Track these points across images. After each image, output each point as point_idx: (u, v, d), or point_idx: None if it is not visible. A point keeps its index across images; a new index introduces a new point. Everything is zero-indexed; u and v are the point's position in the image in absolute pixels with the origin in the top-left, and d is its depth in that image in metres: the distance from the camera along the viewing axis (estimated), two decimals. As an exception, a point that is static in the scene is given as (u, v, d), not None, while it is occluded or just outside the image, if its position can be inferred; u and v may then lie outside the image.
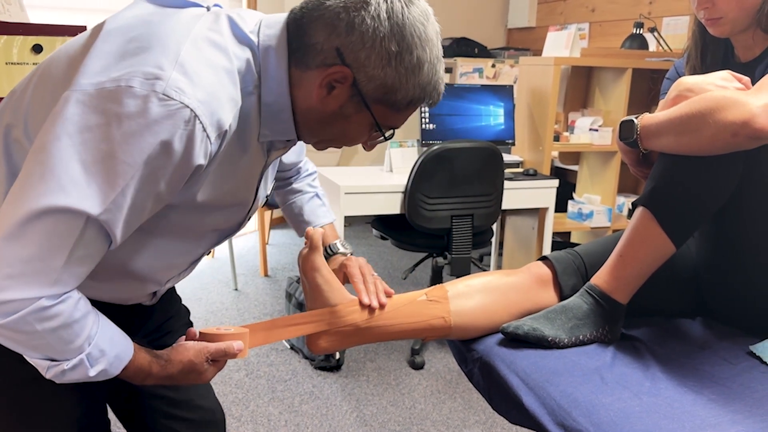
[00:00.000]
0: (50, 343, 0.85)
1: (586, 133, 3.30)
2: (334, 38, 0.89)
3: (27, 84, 0.95)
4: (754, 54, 1.27)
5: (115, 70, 0.82)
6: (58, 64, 0.91)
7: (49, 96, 0.87)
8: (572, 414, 0.98)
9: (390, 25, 0.89)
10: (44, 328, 0.83)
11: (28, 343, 0.85)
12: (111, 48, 0.85)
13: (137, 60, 0.82)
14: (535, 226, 3.22)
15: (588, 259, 1.28)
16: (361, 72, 0.90)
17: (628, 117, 1.18)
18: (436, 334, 1.18)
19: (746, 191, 1.13)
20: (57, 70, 0.90)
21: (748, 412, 0.97)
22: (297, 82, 0.94)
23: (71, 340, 0.86)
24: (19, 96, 0.94)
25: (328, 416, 2.35)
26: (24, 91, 0.94)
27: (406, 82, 0.93)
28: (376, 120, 0.96)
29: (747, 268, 1.19)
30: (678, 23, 3.73)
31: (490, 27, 5.32)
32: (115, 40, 0.86)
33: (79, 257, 0.83)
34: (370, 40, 0.88)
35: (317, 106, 0.94)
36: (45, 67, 0.94)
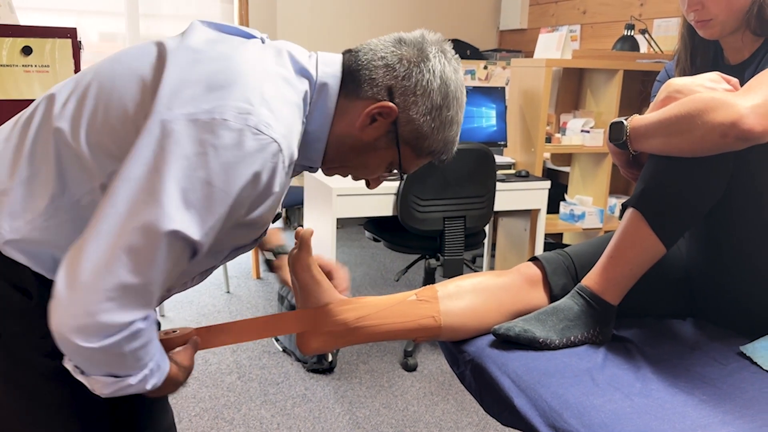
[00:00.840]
0: (125, 362, 0.86)
1: (577, 134, 3.31)
2: (390, 79, 1.00)
3: (82, 92, 0.95)
4: (743, 56, 1.27)
5: (205, 101, 0.86)
6: (125, 82, 0.93)
7: (117, 112, 0.91)
8: (563, 416, 0.98)
9: (440, 82, 1.01)
10: (130, 349, 0.85)
11: (104, 362, 0.85)
12: (193, 77, 0.89)
13: (226, 94, 0.87)
14: (528, 227, 3.22)
15: (578, 260, 1.29)
16: (404, 113, 1.01)
17: (618, 119, 1.18)
18: (426, 334, 1.18)
19: (736, 192, 1.13)
20: (125, 88, 0.93)
21: (739, 413, 0.97)
22: (343, 110, 1.02)
23: (143, 357, 0.88)
24: (72, 103, 0.95)
25: (320, 419, 2.35)
26: (81, 99, 0.94)
27: (436, 134, 1.04)
28: (400, 159, 1.06)
29: (737, 269, 1.20)
30: (669, 25, 3.75)
31: (481, 29, 5.33)
32: (195, 69, 0.90)
33: (170, 278, 0.87)
34: (422, 89, 1.00)
35: (356, 133, 1.03)
36: (105, 80, 0.95)
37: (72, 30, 2.30)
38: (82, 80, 0.98)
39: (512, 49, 5.05)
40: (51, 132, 0.94)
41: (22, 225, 0.93)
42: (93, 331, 0.80)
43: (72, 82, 0.98)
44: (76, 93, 0.96)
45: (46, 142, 0.94)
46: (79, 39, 2.33)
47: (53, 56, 2.28)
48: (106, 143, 0.91)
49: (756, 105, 0.99)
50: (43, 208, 0.93)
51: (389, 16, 4.99)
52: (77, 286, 0.80)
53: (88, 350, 0.81)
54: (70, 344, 0.82)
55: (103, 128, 0.91)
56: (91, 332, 0.80)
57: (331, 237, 2.72)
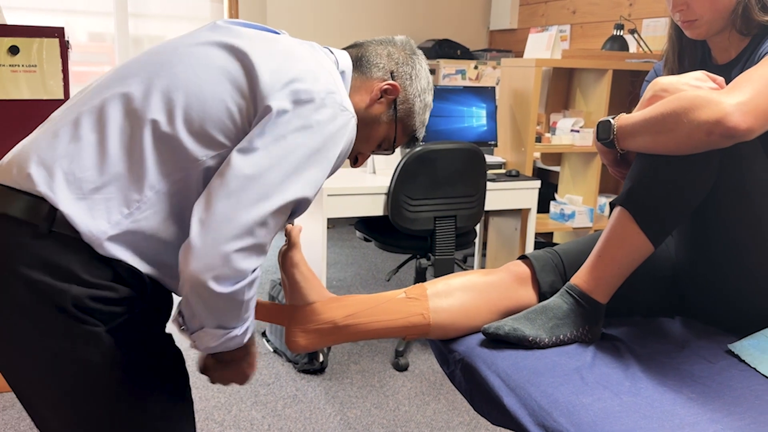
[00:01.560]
0: (239, 311, 0.97)
1: (567, 134, 3.32)
2: (392, 64, 1.22)
3: (163, 89, 1.01)
4: (730, 56, 1.28)
5: (301, 86, 1.01)
6: (212, 80, 1.02)
7: (215, 103, 1.00)
8: (553, 414, 0.98)
9: (425, 71, 1.26)
10: (247, 297, 0.97)
11: (223, 311, 0.96)
12: (283, 69, 1.03)
13: (312, 81, 1.03)
14: (518, 226, 3.23)
15: (566, 257, 1.29)
16: (403, 93, 1.22)
17: (605, 118, 1.19)
18: (415, 332, 1.18)
19: (723, 190, 1.14)
20: (216, 84, 1.02)
21: (727, 410, 0.97)
22: (357, 86, 1.20)
23: (249, 308, 1.00)
24: (157, 98, 1.00)
25: (311, 420, 2.34)
26: (166, 94, 1.01)
27: (420, 115, 1.26)
28: (396, 133, 1.24)
29: (725, 267, 1.20)
30: (658, 25, 3.77)
31: (472, 29, 5.34)
32: (282, 62, 1.04)
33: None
34: (415, 74, 1.24)
35: (367, 105, 1.20)
36: (186, 78, 1.02)
37: (60, 29, 2.29)
38: (150, 78, 1.02)
39: (502, 49, 5.06)
40: (144, 123, 0.99)
41: (120, 219, 0.97)
42: (227, 276, 0.91)
43: (136, 80, 1.03)
44: (156, 89, 1.01)
45: (137, 134, 0.99)
46: (67, 39, 2.31)
47: (41, 56, 2.26)
48: (209, 131, 1.00)
49: (741, 102, 0.99)
50: (140, 200, 0.98)
51: (378, 15, 4.99)
52: (214, 238, 0.91)
53: (217, 296, 0.92)
54: (204, 290, 0.91)
55: (203, 119, 1.00)
56: (225, 278, 0.91)
57: (321, 237, 2.72)
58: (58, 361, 0.97)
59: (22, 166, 0.99)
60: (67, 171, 0.97)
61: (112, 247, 0.97)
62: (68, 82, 2.32)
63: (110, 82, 1.05)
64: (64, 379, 0.98)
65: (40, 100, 2.29)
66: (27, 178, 0.98)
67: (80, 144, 0.99)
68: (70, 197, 0.96)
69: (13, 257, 0.96)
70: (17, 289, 0.95)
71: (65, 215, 0.95)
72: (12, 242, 0.96)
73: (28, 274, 0.94)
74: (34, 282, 0.95)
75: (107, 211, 0.97)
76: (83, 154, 0.98)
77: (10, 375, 1.02)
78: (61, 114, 1.06)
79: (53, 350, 0.97)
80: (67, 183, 0.97)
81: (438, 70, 4.60)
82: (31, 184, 0.97)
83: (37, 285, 0.95)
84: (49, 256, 0.95)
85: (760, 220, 1.14)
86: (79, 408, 1.00)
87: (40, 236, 0.95)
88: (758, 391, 1.03)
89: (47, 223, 0.95)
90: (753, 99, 1.00)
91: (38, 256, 0.95)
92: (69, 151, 0.99)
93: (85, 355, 0.97)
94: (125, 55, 4.26)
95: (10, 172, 1.01)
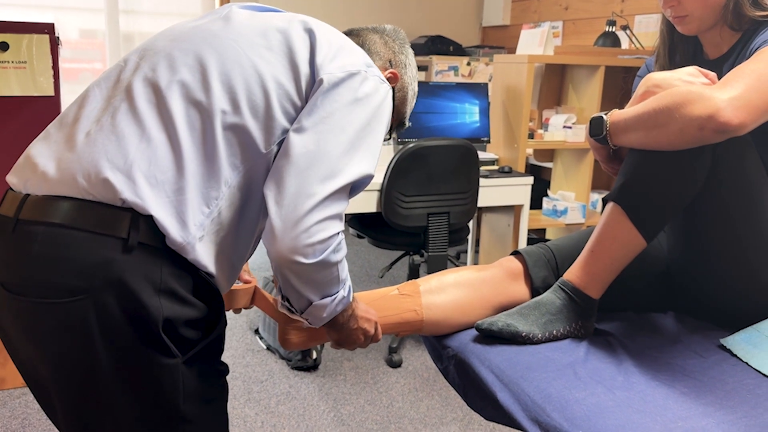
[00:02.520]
0: (335, 276, 1.00)
1: (560, 130, 3.32)
2: (389, 53, 1.24)
3: (221, 77, 0.99)
4: (721, 51, 1.28)
5: (348, 61, 1.04)
6: (270, 63, 1.02)
7: (274, 86, 1.00)
8: (546, 409, 0.98)
9: (414, 60, 1.28)
10: (337, 260, 0.98)
11: (321, 279, 0.98)
12: (334, 44, 1.05)
13: (354, 54, 1.06)
14: (511, 223, 3.23)
15: (558, 253, 1.29)
16: (400, 80, 1.25)
17: (598, 114, 1.19)
18: (408, 328, 1.18)
19: (715, 185, 1.14)
20: (275, 67, 1.01)
21: (719, 404, 0.98)
22: None
23: (344, 269, 1.02)
24: (218, 87, 0.98)
25: (305, 416, 2.34)
26: (226, 82, 0.98)
27: (411, 102, 1.29)
28: (392, 120, 1.24)
29: (717, 262, 1.21)
30: (650, 21, 3.78)
31: (465, 25, 5.34)
32: (329, 38, 1.06)
33: None
34: (410, 64, 1.27)
35: None
36: (240, 63, 1.00)
37: (50, 25, 2.27)
38: (204, 68, 0.98)
39: (495, 46, 5.06)
40: (212, 115, 0.96)
41: (203, 219, 0.95)
42: (312, 247, 0.93)
43: (186, 70, 0.99)
44: (211, 78, 0.98)
45: (207, 127, 0.96)
46: (57, 35, 2.29)
47: (30, 52, 2.25)
48: (273, 115, 0.99)
49: (733, 98, 0.99)
50: (218, 196, 0.96)
51: (371, 11, 4.98)
52: (292, 216, 0.92)
53: (310, 268, 0.94)
54: (296, 266, 0.94)
55: (267, 103, 0.99)
56: (311, 249, 0.93)
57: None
58: (130, 390, 0.92)
59: (91, 172, 0.91)
60: (147, 174, 0.91)
61: (198, 252, 0.94)
62: (58, 79, 2.30)
63: (149, 69, 1.00)
64: (135, 407, 0.94)
65: (30, 96, 2.27)
66: (104, 185, 0.90)
67: (152, 144, 0.93)
68: (158, 202, 0.91)
69: (100, 278, 0.87)
70: (105, 314, 0.88)
71: (157, 221, 0.90)
72: (98, 261, 0.88)
73: (121, 295, 0.88)
74: (127, 302, 0.88)
75: (192, 212, 0.93)
76: (158, 154, 0.93)
77: (66, 394, 0.95)
78: (98, 109, 0.99)
79: (127, 379, 0.92)
80: (151, 187, 0.91)
81: (430, 66, 4.59)
82: (111, 192, 0.90)
83: (130, 306, 0.88)
84: (145, 272, 0.89)
85: (751, 214, 1.15)
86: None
87: (129, 250, 0.89)
88: (750, 385, 1.03)
89: (135, 233, 0.89)
90: (745, 94, 1.00)
91: (132, 272, 0.88)
92: (142, 151, 0.92)
93: (159, 387, 0.93)
94: (116, 51, 4.24)
95: (71, 182, 0.92)
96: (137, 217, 0.90)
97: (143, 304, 0.89)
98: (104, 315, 0.88)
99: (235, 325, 3.12)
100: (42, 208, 0.91)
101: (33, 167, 0.95)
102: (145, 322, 0.89)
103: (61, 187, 0.92)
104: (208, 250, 0.96)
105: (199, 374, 0.98)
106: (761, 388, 1.02)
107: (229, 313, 3.25)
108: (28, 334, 0.93)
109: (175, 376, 0.94)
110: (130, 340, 0.90)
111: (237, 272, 1.05)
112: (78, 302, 0.88)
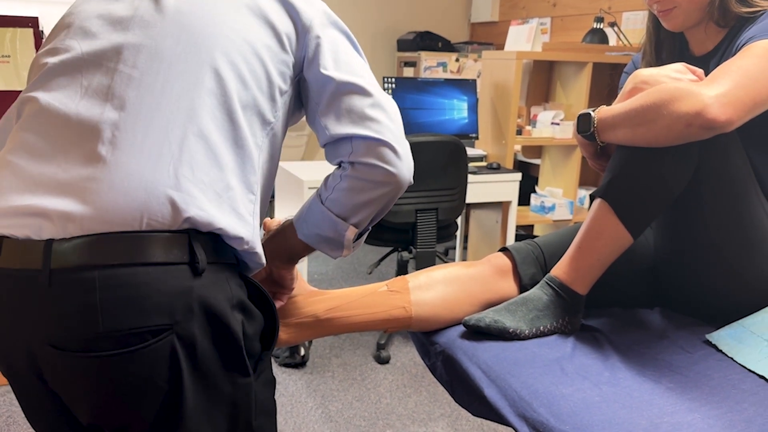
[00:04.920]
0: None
1: (547, 126, 3.33)
2: None
3: (225, 63, 0.92)
4: (707, 48, 1.28)
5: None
6: (254, 35, 0.96)
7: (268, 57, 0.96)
8: (533, 405, 0.98)
9: None
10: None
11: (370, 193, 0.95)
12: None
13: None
14: (499, 219, 3.24)
15: (547, 249, 1.30)
16: None
17: (585, 110, 1.19)
18: (397, 325, 1.18)
19: (701, 182, 1.15)
20: (257, 37, 0.97)
21: (705, 399, 0.98)
22: None
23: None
24: (229, 73, 0.92)
25: (293, 413, 2.34)
26: (234, 65, 0.92)
27: None
28: None
29: (704, 258, 1.21)
30: (637, 18, 3.79)
31: (453, 21, 5.34)
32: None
33: None
34: None
35: None
36: (234, 42, 0.94)
37: (33, 19, 2.24)
38: (199, 60, 0.90)
39: (483, 42, 5.06)
40: (230, 99, 0.90)
41: (252, 207, 0.91)
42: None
43: (189, 63, 0.90)
44: (217, 66, 0.90)
45: (234, 118, 0.90)
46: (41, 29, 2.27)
47: (14, 46, 2.22)
48: (273, 79, 0.95)
49: (720, 94, 1.00)
50: (256, 180, 0.92)
51: (360, 6, 4.97)
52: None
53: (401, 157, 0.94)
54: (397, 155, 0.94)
55: (266, 70, 0.94)
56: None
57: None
58: (210, 418, 0.87)
59: (137, 200, 0.81)
60: (193, 180, 0.84)
61: (256, 241, 0.90)
62: (43, 73, 2.28)
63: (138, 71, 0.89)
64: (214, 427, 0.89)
65: (13, 91, 2.25)
66: (160, 210, 0.81)
67: (185, 145, 0.85)
68: (219, 208, 0.85)
69: (181, 309, 0.81)
70: (193, 344, 0.82)
71: (223, 232, 0.85)
72: (174, 292, 0.81)
73: (205, 321, 0.83)
74: (212, 327, 0.83)
75: (243, 205, 0.88)
76: (196, 156, 0.85)
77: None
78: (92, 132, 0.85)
79: (209, 408, 0.87)
80: (203, 193, 0.84)
81: (419, 62, 4.59)
82: (171, 215, 0.81)
83: (215, 330, 0.84)
84: (219, 291, 0.84)
85: (738, 211, 1.15)
86: None
87: (200, 272, 0.83)
88: (734, 381, 1.04)
89: (201, 254, 0.83)
90: (732, 90, 1.00)
91: (209, 294, 0.83)
92: (178, 158, 0.84)
93: (236, 410, 0.89)
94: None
95: (112, 215, 0.80)
96: (196, 236, 0.83)
97: (226, 324, 0.84)
98: (191, 346, 0.82)
99: (223, 322, 3.11)
100: (84, 251, 0.79)
101: (35, 211, 0.81)
102: (230, 344, 0.86)
103: (98, 224, 0.80)
104: (258, 236, 0.92)
105: (264, 386, 0.96)
106: (746, 383, 1.03)
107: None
108: (99, 391, 0.83)
109: (250, 395, 0.90)
110: (216, 367, 0.85)
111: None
112: (163, 341, 0.81)
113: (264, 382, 0.96)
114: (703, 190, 1.15)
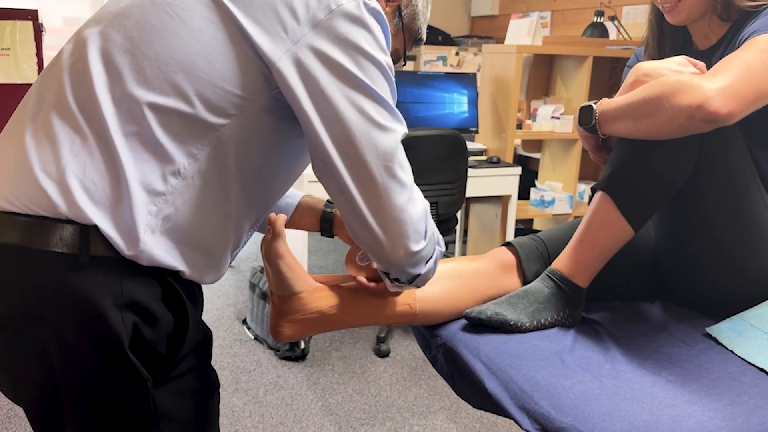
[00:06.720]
0: (432, 239, 1.01)
1: (548, 120, 3.33)
2: None
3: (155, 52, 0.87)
4: (710, 42, 1.28)
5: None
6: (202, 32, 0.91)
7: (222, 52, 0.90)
8: (534, 397, 0.98)
9: None
10: (431, 225, 1.00)
11: (428, 250, 0.99)
12: None
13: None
14: (499, 213, 3.24)
15: (551, 245, 1.30)
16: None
17: (588, 103, 1.19)
18: (401, 320, 1.18)
19: (702, 175, 1.15)
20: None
21: (705, 392, 0.99)
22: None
23: (431, 226, 1.02)
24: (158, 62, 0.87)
25: (293, 406, 2.34)
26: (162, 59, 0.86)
27: (424, 13, 1.16)
28: (405, 42, 1.16)
29: (704, 251, 1.22)
30: (638, 12, 3.78)
31: (453, 15, 5.32)
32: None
33: None
34: None
35: None
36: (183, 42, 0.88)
37: (33, 12, 2.24)
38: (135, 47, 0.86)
39: (484, 36, 5.05)
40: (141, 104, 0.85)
41: (151, 219, 0.85)
42: (419, 235, 0.95)
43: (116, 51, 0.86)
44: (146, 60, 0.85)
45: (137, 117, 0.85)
46: (41, 22, 2.26)
47: (14, 39, 2.21)
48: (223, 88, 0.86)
49: (722, 87, 1.00)
50: (164, 191, 0.86)
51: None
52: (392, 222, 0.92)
53: (421, 251, 0.96)
54: (411, 256, 0.95)
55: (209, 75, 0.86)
56: (418, 237, 0.95)
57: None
58: (98, 419, 0.86)
59: (19, 183, 0.82)
60: (82, 179, 0.82)
61: (155, 255, 0.84)
62: (42, 66, 2.27)
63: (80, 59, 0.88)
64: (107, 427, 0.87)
65: (13, 84, 2.24)
66: (38, 195, 0.81)
67: (87, 144, 0.83)
68: (97, 209, 0.82)
69: (54, 301, 0.80)
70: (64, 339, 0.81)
71: (101, 231, 0.81)
72: (48, 282, 0.80)
73: (80, 317, 0.80)
74: (87, 324, 0.81)
75: (139, 214, 0.83)
76: (94, 156, 0.83)
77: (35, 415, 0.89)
78: (30, 114, 0.88)
79: (94, 409, 0.85)
80: (88, 194, 0.82)
81: (419, 56, 4.58)
82: (46, 202, 0.81)
83: (91, 327, 0.81)
84: (102, 288, 0.81)
85: (739, 204, 1.16)
86: None
87: (81, 267, 0.80)
88: (734, 373, 1.04)
89: (84, 247, 0.80)
90: (734, 84, 1.00)
91: (88, 290, 0.80)
92: (75, 154, 0.83)
93: (128, 414, 0.86)
94: (101, 39, 4.18)
95: (4, 194, 0.83)
96: (86, 229, 0.81)
97: (105, 323, 0.81)
98: (63, 341, 0.81)
99: (223, 315, 3.11)
100: None
101: None
102: (109, 344, 0.81)
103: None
104: (167, 248, 0.86)
105: (176, 393, 0.90)
106: (746, 376, 1.03)
107: (218, 303, 3.24)
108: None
109: (146, 400, 0.86)
110: (93, 366, 0.83)
111: (225, 259, 0.98)
112: (33, 328, 0.81)
113: (179, 389, 0.90)
114: (704, 183, 1.15)
